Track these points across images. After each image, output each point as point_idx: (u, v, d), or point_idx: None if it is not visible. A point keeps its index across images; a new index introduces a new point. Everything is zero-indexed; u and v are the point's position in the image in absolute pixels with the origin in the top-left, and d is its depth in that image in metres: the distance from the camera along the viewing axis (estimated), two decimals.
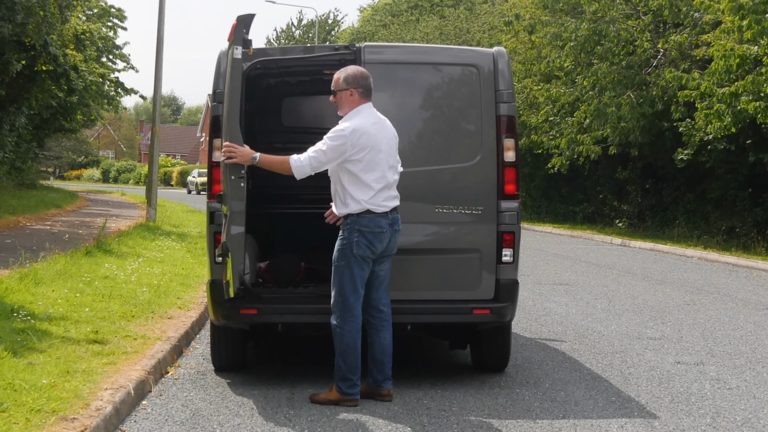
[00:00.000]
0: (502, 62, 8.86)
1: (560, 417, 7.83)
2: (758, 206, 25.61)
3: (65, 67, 34.51)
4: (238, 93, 8.11)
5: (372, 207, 7.98)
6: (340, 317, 8.02)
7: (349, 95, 8.04)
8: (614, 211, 34.17)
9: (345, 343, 8.02)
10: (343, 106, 8.09)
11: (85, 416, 6.81)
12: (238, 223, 8.13)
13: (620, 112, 28.11)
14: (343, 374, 8.03)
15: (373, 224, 7.99)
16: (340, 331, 8.02)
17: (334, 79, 8.12)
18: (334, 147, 7.88)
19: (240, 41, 8.06)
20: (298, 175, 7.97)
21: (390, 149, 8.11)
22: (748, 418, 7.94)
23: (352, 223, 7.99)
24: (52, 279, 12.78)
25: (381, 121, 8.11)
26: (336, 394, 8.05)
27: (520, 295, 9.57)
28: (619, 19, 28.94)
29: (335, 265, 8.06)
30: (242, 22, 8.11)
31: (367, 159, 7.94)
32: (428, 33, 53.62)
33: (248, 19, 8.18)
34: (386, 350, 8.21)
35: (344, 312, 8.01)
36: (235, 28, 8.07)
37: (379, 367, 8.21)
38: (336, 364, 8.08)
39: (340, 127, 7.97)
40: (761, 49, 20.97)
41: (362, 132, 7.92)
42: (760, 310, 14.42)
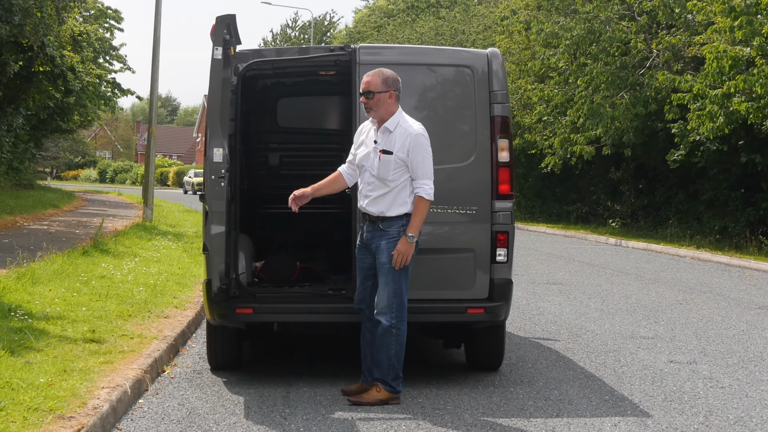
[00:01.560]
0: (496, 63, 8.90)
1: (554, 415, 7.88)
2: (750, 206, 25.69)
3: (62, 68, 34.59)
4: (219, 93, 8.14)
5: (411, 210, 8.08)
6: (398, 318, 8.01)
7: (388, 97, 8.02)
8: (607, 211, 34.23)
9: (401, 342, 8.06)
10: (379, 108, 8.04)
11: (82, 415, 6.84)
12: (219, 223, 8.18)
13: (614, 112, 28.18)
14: (397, 372, 8.05)
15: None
16: (397, 332, 8.02)
17: (367, 82, 8.04)
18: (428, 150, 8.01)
19: (220, 42, 8.10)
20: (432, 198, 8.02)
21: None
22: (740, 416, 7.99)
23: (407, 224, 8.04)
24: (49, 278, 12.81)
25: None
26: (386, 394, 8.05)
27: (514, 295, 9.61)
28: (613, 19, 29.00)
29: (389, 266, 8.00)
30: (222, 23, 8.14)
31: None
32: (423, 33, 53.66)
33: (229, 20, 8.21)
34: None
35: (401, 312, 8.03)
36: (214, 29, 8.11)
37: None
38: (388, 365, 8.03)
39: (419, 130, 8.00)
40: (753, 51, 21.04)
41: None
42: (753, 309, 14.49)
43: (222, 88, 8.16)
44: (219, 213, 8.17)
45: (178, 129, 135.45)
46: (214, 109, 8.12)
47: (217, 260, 8.22)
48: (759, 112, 21.28)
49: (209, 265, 8.38)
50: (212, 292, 8.33)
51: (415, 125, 8.04)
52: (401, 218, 8.03)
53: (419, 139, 7.96)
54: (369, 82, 8.03)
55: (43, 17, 27.74)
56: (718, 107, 22.18)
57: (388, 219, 8.04)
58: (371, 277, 8.21)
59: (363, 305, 8.28)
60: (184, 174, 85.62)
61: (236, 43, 8.51)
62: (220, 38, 8.12)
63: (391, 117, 8.05)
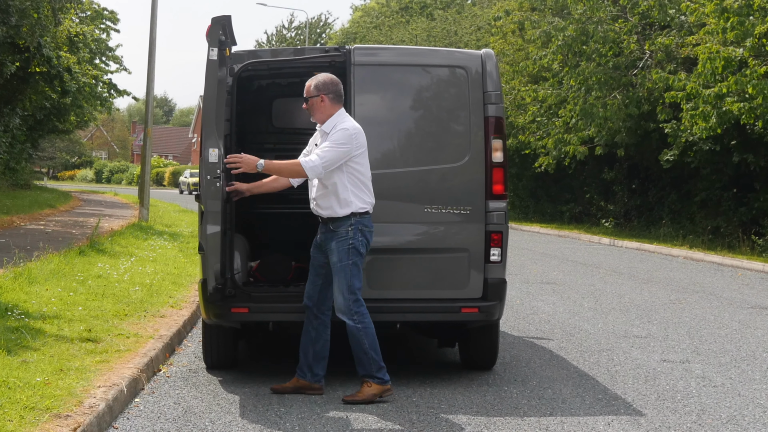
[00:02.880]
0: (490, 64, 8.94)
1: (548, 414, 7.92)
2: (743, 206, 25.74)
3: (59, 68, 34.63)
4: (215, 94, 8.18)
5: (370, 207, 8.19)
6: (358, 314, 8.10)
7: (320, 101, 8.19)
8: (601, 211, 34.28)
9: (371, 334, 8.14)
10: (315, 113, 8.25)
11: (78, 414, 6.87)
12: (214, 223, 8.22)
13: (606, 112, 28.24)
14: (378, 364, 8.13)
15: (370, 224, 8.21)
16: (362, 327, 8.10)
17: (306, 87, 8.26)
18: (342, 145, 8.04)
19: (216, 43, 8.14)
20: (312, 175, 8.08)
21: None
22: (733, 415, 8.03)
23: (356, 223, 8.12)
24: (45, 278, 12.83)
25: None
26: (377, 387, 8.13)
27: (508, 294, 9.64)
28: (606, 20, 29.05)
29: (341, 265, 8.11)
30: (218, 24, 8.18)
31: (363, 159, 8.16)
32: (417, 35, 53.68)
33: (224, 21, 8.25)
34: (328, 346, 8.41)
35: (360, 308, 8.12)
36: (210, 30, 8.16)
37: (323, 363, 8.38)
38: (367, 360, 8.12)
39: (345, 126, 8.10)
40: (746, 51, 21.10)
41: (360, 131, 8.15)
42: (745, 308, 14.54)
43: (217, 88, 8.20)
44: (214, 213, 8.21)
45: (174, 129, 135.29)
46: (210, 109, 8.16)
47: (212, 260, 8.26)
48: (751, 112, 21.34)
49: (205, 265, 8.42)
50: (208, 291, 8.38)
51: (350, 124, 8.14)
52: (349, 218, 8.14)
53: (341, 133, 8.07)
54: (305, 88, 8.25)
55: (39, 18, 27.79)
56: (711, 107, 22.24)
57: (337, 220, 8.16)
58: (322, 276, 8.33)
59: (311, 302, 8.39)
60: (180, 174, 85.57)
61: (232, 44, 8.55)
62: (215, 39, 8.15)
63: (329, 120, 8.19)
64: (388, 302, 8.69)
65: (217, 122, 8.18)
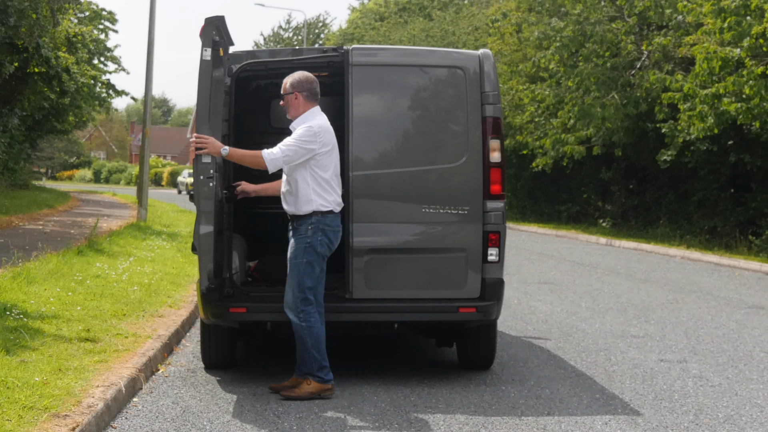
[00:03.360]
0: (488, 64, 8.96)
1: (545, 414, 7.94)
2: (740, 206, 25.78)
3: (57, 69, 34.68)
4: (208, 95, 8.20)
5: (334, 207, 8.25)
6: (304, 312, 8.20)
7: (294, 98, 8.31)
8: (598, 211, 34.30)
9: (315, 333, 8.21)
10: (290, 110, 8.38)
11: (76, 413, 6.89)
12: (208, 223, 8.24)
13: (604, 112, 28.27)
14: (320, 364, 8.20)
15: (334, 224, 8.27)
16: (307, 326, 8.18)
17: (282, 84, 8.38)
18: (303, 142, 8.12)
19: (209, 43, 8.17)
20: (272, 167, 8.17)
21: (338, 153, 8.39)
22: (730, 415, 8.06)
23: (317, 222, 8.20)
24: (44, 278, 12.85)
25: (330, 126, 8.38)
26: (316, 385, 8.19)
27: (505, 294, 9.65)
28: (603, 20, 29.09)
29: (295, 262, 8.23)
30: (211, 24, 8.21)
31: (329, 158, 8.23)
32: (415, 35, 53.67)
33: (218, 21, 8.28)
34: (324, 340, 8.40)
35: (307, 306, 8.20)
36: (203, 30, 8.19)
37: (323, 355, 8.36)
38: (309, 358, 8.21)
39: (310, 124, 8.20)
40: (743, 52, 21.13)
41: (326, 130, 8.23)
42: (742, 308, 14.57)
43: (213, 88, 8.22)
44: (208, 213, 8.23)
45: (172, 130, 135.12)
46: (203, 110, 8.19)
47: (206, 260, 8.28)
48: (748, 112, 21.37)
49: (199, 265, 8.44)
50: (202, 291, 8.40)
51: (317, 122, 8.22)
52: (310, 216, 8.21)
53: (305, 130, 8.17)
54: (282, 86, 8.38)
55: (38, 19, 27.81)
56: (708, 107, 22.27)
57: (300, 217, 8.26)
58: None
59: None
60: (178, 174, 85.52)
61: (227, 44, 8.57)
62: (209, 39, 8.18)
63: (300, 117, 8.31)
64: (386, 302, 8.72)
65: (210, 123, 8.20)
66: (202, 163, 8.18)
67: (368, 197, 8.74)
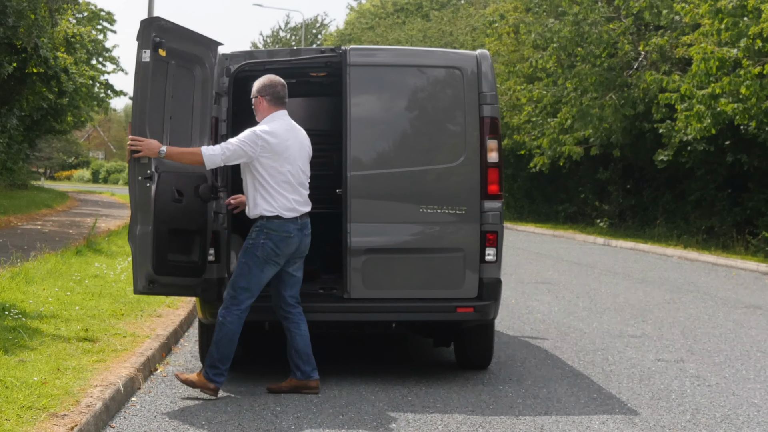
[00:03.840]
0: (486, 65, 8.98)
1: (543, 413, 7.96)
2: (737, 206, 25.82)
3: (56, 69, 34.73)
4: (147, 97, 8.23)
5: (282, 212, 8.21)
6: (226, 308, 8.24)
7: (259, 102, 8.38)
8: (595, 211, 34.33)
9: (224, 332, 8.23)
10: (257, 113, 8.44)
11: (75, 413, 6.90)
12: (145, 223, 8.27)
13: (602, 113, 28.31)
14: (214, 362, 8.23)
15: (281, 229, 8.22)
16: (222, 321, 8.23)
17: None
18: (244, 143, 8.15)
19: (148, 45, 8.19)
20: (210, 164, 8.20)
21: (301, 157, 8.35)
22: (727, 414, 8.07)
23: (261, 226, 8.23)
24: (42, 278, 12.87)
25: (294, 129, 8.39)
26: (202, 379, 8.24)
27: (503, 294, 9.69)
28: (600, 21, 29.12)
29: (239, 261, 8.29)
30: (147, 27, 8.24)
31: (277, 163, 8.20)
32: (413, 35, 53.70)
33: (155, 21, 8.33)
34: (308, 342, 8.42)
35: (232, 305, 8.24)
36: (141, 32, 8.23)
37: (306, 359, 8.40)
38: (209, 351, 8.28)
39: (258, 128, 8.25)
40: (740, 52, 21.16)
41: (274, 134, 8.20)
42: (739, 308, 14.59)
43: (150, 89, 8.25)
44: (146, 213, 8.28)
45: None
46: (141, 112, 8.24)
47: (142, 260, 8.32)
48: (745, 113, 21.40)
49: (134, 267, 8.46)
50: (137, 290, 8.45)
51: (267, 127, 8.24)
52: (256, 220, 8.27)
53: (249, 132, 8.21)
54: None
55: (36, 19, 27.86)
56: (705, 108, 22.30)
57: (252, 221, 8.33)
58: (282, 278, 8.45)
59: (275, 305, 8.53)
60: None
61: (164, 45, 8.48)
62: (147, 41, 8.22)
63: (263, 120, 8.34)
64: (383, 302, 8.74)
65: (149, 124, 8.24)
66: (140, 163, 8.23)
67: (366, 197, 8.76)
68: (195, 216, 8.56)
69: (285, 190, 8.23)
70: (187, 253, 8.56)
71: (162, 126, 8.42)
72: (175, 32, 8.52)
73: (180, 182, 8.46)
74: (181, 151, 8.26)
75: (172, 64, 8.49)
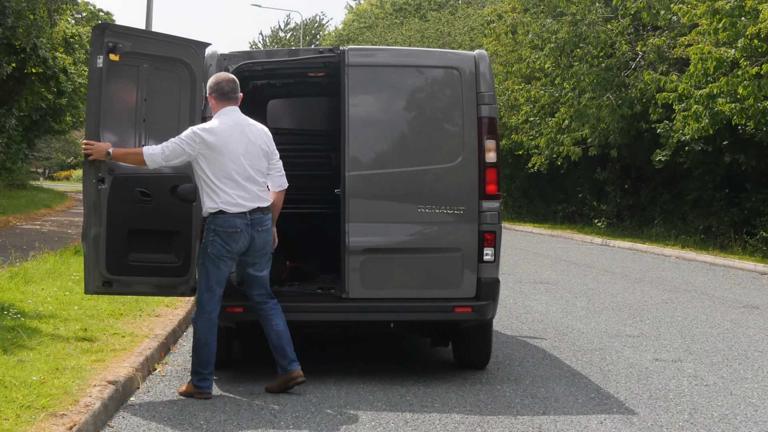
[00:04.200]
0: (484, 65, 8.99)
1: (541, 413, 7.97)
2: (734, 206, 25.85)
3: (54, 69, 34.81)
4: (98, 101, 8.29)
5: (225, 207, 8.19)
6: (196, 314, 8.34)
7: (209, 100, 8.41)
8: (593, 211, 34.37)
9: (196, 338, 8.31)
10: (212, 110, 8.44)
11: (74, 412, 6.92)
12: (98, 225, 8.33)
13: (600, 113, 28.34)
14: (195, 368, 8.29)
15: (226, 224, 8.20)
16: (194, 326, 8.35)
17: None
18: (183, 142, 8.19)
19: (101, 50, 8.24)
20: (151, 164, 8.22)
21: (248, 153, 8.28)
22: (725, 414, 8.09)
23: (209, 223, 8.27)
24: (41, 278, 12.89)
25: (240, 125, 8.32)
26: (190, 386, 8.30)
27: (501, 294, 9.69)
28: (598, 22, 29.16)
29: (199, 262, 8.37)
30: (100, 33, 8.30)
31: (217, 160, 8.19)
32: (410, 36, 53.74)
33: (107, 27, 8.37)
34: (283, 336, 8.41)
35: (198, 308, 8.32)
36: (93, 38, 8.33)
37: (281, 353, 8.40)
38: (192, 358, 8.36)
39: (197, 126, 8.30)
40: (738, 52, 21.19)
41: (212, 132, 8.20)
42: (737, 308, 14.61)
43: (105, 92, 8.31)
44: (99, 215, 8.35)
45: None
46: (95, 116, 8.31)
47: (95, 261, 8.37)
48: (743, 113, 21.43)
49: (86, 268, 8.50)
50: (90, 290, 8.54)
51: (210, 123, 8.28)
52: (206, 219, 8.31)
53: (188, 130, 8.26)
54: None
55: (35, 19, 27.93)
56: (703, 108, 22.33)
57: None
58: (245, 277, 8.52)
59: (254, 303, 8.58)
60: None
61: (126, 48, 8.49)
62: (99, 47, 8.28)
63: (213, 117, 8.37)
64: (382, 302, 8.75)
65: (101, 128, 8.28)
66: (94, 166, 8.34)
67: (364, 197, 8.76)
68: (170, 217, 8.56)
69: (228, 186, 8.18)
70: (160, 253, 8.57)
71: (134, 128, 8.47)
72: (143, 37, 8.67)
73: (147, 184, 8.47)
74: (125, 152, 8.32)
75: (144, 68, 8.52)
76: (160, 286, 8.78)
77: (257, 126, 8.42)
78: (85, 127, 8.45)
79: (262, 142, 8.37)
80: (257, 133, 8.38)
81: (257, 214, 8.28)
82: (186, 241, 8.61)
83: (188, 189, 8.52)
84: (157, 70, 8.59)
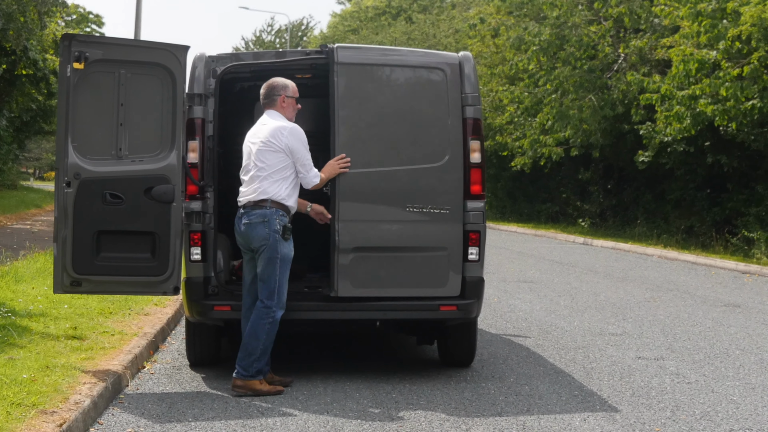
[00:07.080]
0: (468, 66, 9.04)
1: (525, 411, 8.04)
2: (716, 206, 25.98)
3: (45, 71, 34.80)
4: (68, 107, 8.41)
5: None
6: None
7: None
8: (577, 211, 34.47)
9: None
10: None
11: (64, 410, 6.98)
12: (67, 226, 8.45)
13: (582, 114, 28.45)
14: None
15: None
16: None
17: None
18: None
19: (69, 60, 8.37)
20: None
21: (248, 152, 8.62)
22: (706, 411, 8.17)
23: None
24: (32, 276, 12.93)
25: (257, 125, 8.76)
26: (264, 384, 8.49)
27: (485, 292, 9.72)
28: (581, 24, 29.29)
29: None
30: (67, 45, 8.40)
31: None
32: (397, 38, 53.73)
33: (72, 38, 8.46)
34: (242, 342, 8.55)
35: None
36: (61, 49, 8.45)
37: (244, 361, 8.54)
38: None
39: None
40: (719, 54, 21.34)
41: None
42: (718, 306, 14.71)
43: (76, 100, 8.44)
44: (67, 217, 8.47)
45: None
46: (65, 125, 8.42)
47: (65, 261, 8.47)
48: (725, 114, 21.57)
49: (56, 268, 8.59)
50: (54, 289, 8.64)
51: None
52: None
53: None
54: None
55: (25, 22, 27.94)
56: (685, 109, 22.47)
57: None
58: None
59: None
60: None
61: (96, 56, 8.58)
62: (68, 56, 8.38)
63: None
64: (369, 300, 8.79)
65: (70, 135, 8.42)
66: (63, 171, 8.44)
67: (353, 196, 8.80)
68: (144, 217, 8.60)
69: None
70: (134, 253, 8.62)
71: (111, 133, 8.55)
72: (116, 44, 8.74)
73: (118, 186, 8.53)
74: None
75: (121, 74, 8.58)
76: (138, 285, 8.78)
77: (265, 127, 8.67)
78: (56, 136, 8.57)
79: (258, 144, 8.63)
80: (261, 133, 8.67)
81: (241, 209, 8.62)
82: (163, 241, 8.63)
83: (163, 190, 8.56)
84: (135, 75, 8.63)
